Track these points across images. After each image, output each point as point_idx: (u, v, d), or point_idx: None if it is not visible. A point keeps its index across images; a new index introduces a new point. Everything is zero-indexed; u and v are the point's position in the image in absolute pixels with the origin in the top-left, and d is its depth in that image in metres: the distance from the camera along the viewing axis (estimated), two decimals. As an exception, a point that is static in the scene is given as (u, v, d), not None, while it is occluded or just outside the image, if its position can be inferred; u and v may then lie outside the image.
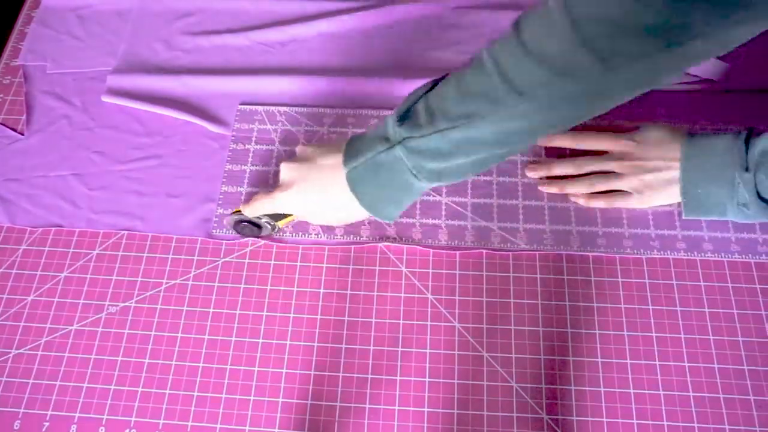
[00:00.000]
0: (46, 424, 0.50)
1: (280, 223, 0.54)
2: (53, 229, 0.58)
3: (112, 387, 0.51)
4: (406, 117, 0.45)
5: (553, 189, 0.57)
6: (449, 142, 0.43)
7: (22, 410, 0.50)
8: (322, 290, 0.54)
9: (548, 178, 0.58)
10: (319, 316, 0.53)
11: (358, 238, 0.55)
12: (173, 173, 0.60)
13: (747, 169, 0.49)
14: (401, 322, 0.53)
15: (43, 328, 0.53)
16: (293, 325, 0.53)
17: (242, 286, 0.54)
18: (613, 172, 0.55)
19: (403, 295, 0.54)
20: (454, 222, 0.56)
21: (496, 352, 0.51)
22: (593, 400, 0.49)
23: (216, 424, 0.49)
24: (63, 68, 0.67)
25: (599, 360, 0.51)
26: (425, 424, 0.49)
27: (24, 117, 0.64)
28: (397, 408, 0.50)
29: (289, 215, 0.54)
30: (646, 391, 0.49)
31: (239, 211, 0.53)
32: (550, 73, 0.38)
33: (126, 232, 0.57)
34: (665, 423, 0.48)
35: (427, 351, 0.51)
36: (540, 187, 0.57)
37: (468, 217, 0.56)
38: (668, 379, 0.50)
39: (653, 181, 0.54)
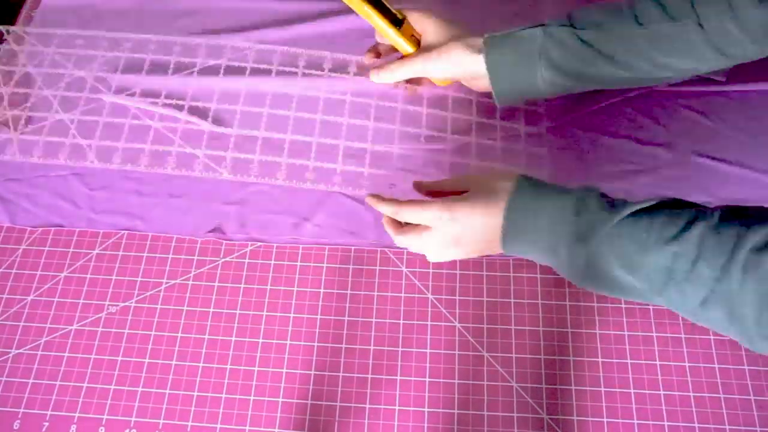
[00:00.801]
0: (46, 424, 0.50)
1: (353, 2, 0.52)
2: (53, 228, 0.58)
3: (112, 387, 0.51)
4: (551, 20, 0.50)
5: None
6: (577, 39, 0.48)
7: (21, 410, 0.50)
8: (322, 290, 0.54)
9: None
10: (319, 316, 0.53)
11: (363, 239, 0.55)
12: (173, 173, 0.60)
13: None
14: (401, 322, 0.53)
15: (43, 328, 0.53)
16: (293, 325, 0.53)
17: (242, 286, 0.54)
18: None
19: (403, 295, 0.54)
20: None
21: (497, 352, 0.51)
22: (594, 400, 0.49)
23: (216, 424, 0.49)
24: (62, 67, 0.67)
25: (600, 360, 0.51)
26: (425, 424, 0.49)
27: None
28: (397, 408, 0.50)
29: (364, 4, 0.52)
30: (647, 391, 0.49)
31: None
32: (662, 15, 0.46)
33: (126, 231, 0.57)
34: (666, 423, 0.48)
35: (428, 351, 0.51)
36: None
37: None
38: (669, 378, 0.50)
39: (467, 246, 0.46)
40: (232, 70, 0.60)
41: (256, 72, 0.59)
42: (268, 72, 0.59)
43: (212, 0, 0.71)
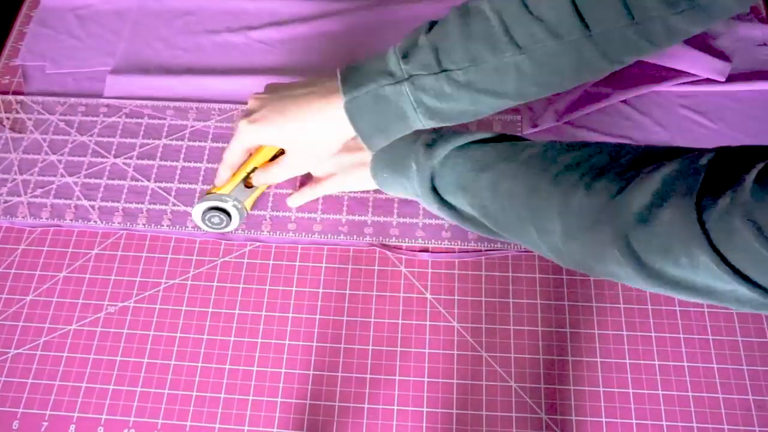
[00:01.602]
0: (45, 423, 0.50)
1: (248, 202, 0.53)
2: (52, 228, 0.58)
3: (111, 387, 0.51)
4: (409, 54, 0.45)
5: (298, 200, 0.57)
6: (453, 83, 0.44)
7: (20, 410, 0.50)
8: (320, 290, 0.54)
9: None
10: (317, 316, 0.53)
11: (361, 238, 0.55)
12: (173, 173, 0.60)
13: (420, 163, 0.48)
14: (400, 321, 0.53)
15: (42, 327, 0.53)
16: (292, 325, 0.53)
17: (241, 285, 0.54)
18: None
19: (402, 294, 0.54)
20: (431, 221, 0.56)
21: (495, 352, 0.51)
22: (592, 400, 0.49)
23: (215, 424, 0.49)
24: (62, 68, 0.67)
25: (598, 360, 0.51)
26: (424, 424, 0.49)
27: (23, 116, 0.64)
28: (395, 408, 0.50)
29: (257, 188, 0.53)
30: (645, 391, 0.49)
31: (211, 191, 0.53)
32: (545, 33, 0.41)
33: (125, 231, 0.57)
34: (664, 423, 0.48)
35: (426, 351, 0.51)
36: (289, 203, 0.57)
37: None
38: (667, 378, 0.50)
39: (342, 163, 0.53)
40: (221, 132, 0.62)
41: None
42: None
43: (212, 0, 0.71)
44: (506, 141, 0.47)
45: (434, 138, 0.47)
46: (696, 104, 0.61)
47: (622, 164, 0.37)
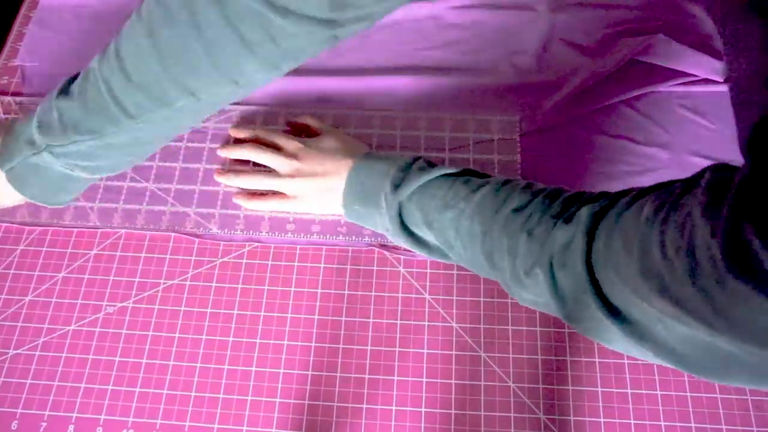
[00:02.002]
0: (44, 424, 0.50)
1: None
2: (51, 228, 0.58)
3: (110, 387, 0.51)
4: (42, 123, 0.47)
5: (224, 178, 0.58)
6: (88, 148, 0.46)
7: (19, 410, 0.50)
8: (319, 290, 0.54)
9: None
10: (316, 317, 0.53)
11: (360, 239, 0.56)
12: (172, 174, 0.60)
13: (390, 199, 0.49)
14: (398, 322, 0.53)
15: (41, 328, 0.54)
16: (290, 326, 0.53)
17: (240, 286, 0.54)
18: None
19: (400, 295, 0.54)
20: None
21: (494, 352, 0.51)
22: (590, 400, 0.49)
23: (213, 425, 0.49)
24: (61, 69, 0.67)
25: (596, 360, 0.51)
26: (422, 425, 0.49)
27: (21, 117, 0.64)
28: (394, 408, 0.50)
29: None
30: (644, 391, 0.49)
31: None
32: (150, 101, 0.43)
33: (124, 231, 0.57)
34: (662, 423, 0.48)
35: (425, 351, 0.51)
36: (215, 176, 0.59)
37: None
38: (665, 379, 0.50)
39: (310, 188, 0.54)
40: (219, 133, 0.62)
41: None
42: None
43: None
44: (467, 175, 0.49)
45: (401, 177, 0.49)
46: (696, 104, 0.61)
47: (554, 208, 0.41)
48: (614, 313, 0.33)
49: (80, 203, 0.58)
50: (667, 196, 0.31)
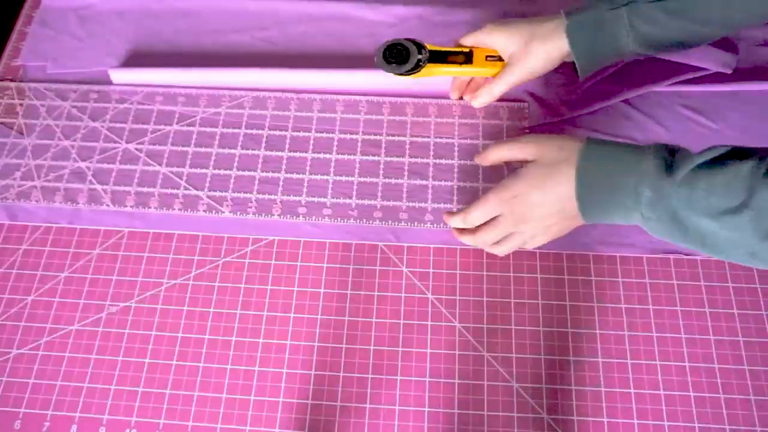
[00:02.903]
0: (47, 424, 0.50)
1: (427, 70, 0.55)
2: (54, 228, 0.58)
3: (113, 387, 0.51)
4: None
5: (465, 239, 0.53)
6: (665, 11, 0.48)
7: (22, 410, 0.50)
8: (322, 290, 0.54)
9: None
10: (319, 316, 0.53)
11: (371, 222, 0.56)
12: (184, 158, 0.60)
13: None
14: (402, 322, 0.53)
15: (44, 328, 0.53)
16: (293, 325, 0.53)
17: (243, 285, 0.54)
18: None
19: (403, 295, 0.54)
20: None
21: (497, 352, 0.51)
22: (594, 400, 0.49)
23: (216, 424, 0.49)
24: (63, 68, 0.67)
25: (600, 360, 0.51)
26: (426, 424, 0.49)
27: (36, 103, 0.64)
28: (397, 408, 0.50)
29: (432, 68, 0.55)
30: (647, 391, 0.49)
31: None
32: None
33: (127, 230, 0.57)
34: (666, 423, 0.48)
35: (428, 351, 0.52)
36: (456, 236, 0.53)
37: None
38: (669, 378, 0.50)
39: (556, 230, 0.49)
40: (231, 120, 0.63)
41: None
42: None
43: (212, 0, 0.71)
44: (736, 158, 0.41)
45: (668, 161, 0.43)
46: (697, 104, 0.61)
47: None
48: None
49: (94, 185, 0.59)
50: None
